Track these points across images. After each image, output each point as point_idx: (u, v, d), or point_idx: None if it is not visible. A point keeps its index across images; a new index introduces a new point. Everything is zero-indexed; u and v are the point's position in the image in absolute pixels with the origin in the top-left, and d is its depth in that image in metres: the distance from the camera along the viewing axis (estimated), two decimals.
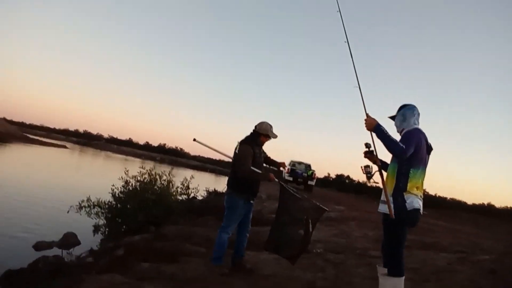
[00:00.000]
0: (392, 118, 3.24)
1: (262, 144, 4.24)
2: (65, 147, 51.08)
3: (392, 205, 2.87)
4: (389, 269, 2.98)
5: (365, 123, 3.03)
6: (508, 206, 40.90)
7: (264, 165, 4.32)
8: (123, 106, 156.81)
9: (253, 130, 4.21)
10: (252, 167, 3.96)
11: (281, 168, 4.48)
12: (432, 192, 44.55)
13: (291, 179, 20.86)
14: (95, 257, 5.90)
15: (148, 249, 5.32)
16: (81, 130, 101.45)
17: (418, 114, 3.15)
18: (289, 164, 21.98)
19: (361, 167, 3.16)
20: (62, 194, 12.10)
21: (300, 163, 22.43)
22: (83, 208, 7.55)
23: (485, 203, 42.77)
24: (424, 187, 3.03)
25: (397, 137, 3.02)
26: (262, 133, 4.15)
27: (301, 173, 21.33)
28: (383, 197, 2.99)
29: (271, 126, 4.20)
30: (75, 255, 6.03)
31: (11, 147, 34.99)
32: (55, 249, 6.52)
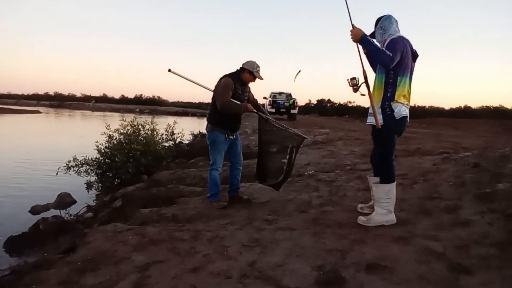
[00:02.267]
0: (372, 35, 3.09)
1: (246, 82, 4.11)
2: (38, 112, 49.26)
3: (380, 116, 2.92)
4: (381, 177, 3.10)
5: (351, 35, 2.91)
6: (484, 105, 42.38)
7: None
8: (92, 62, 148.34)
9: (239, 67, 4.09)
10: (230, 99, 3.90)
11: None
12: (411, 103, 45.51)
13: (273, 110, 20.89)
14: (94, 212, 5.99)
15: (145, 197, 5.39)
16: (51, 92, 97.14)
17: (396, 21, 3.05)
18: (270, 96, 21.88)
19: (347, 79, 3.10)
20: (47, 158, 11.90)
21: (280, 93, 22.33)
22: (71, 168, 7.50)
23: (462, 106, 44.26)
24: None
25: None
26: (246, 68, 4.02)
27: (282, 103, 21.33)
28: (370, 110, 3.00)
29: (258, 66, 4.06)
30: (73, 213, 6.09)
31: None
32: (52, 210, 6.55)
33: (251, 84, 4.20)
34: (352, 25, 2.94)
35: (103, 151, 7.99)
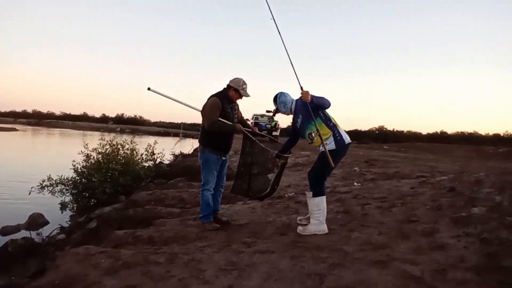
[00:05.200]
0: (275, 111, 4.01)
1: (234, 100, 4.07)
2: (15, 129, 48.10)
3: (333, 143, 3.59)
4: (313, 191, 3.66)
5: (303, 97, 3.53)
6: (459, 131, 43.90)
7: None
8: (73, 79, 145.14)
9: (226, 85, 4.08)
10: (219, 119, 3.87)
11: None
12: (390, 127, 46.73)
13: None
14: (67, 233, 5.77)
15: (121, 218, 5.25)
16: (29, 110, 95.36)
17: (287, 93, 3.93)
18: (252, 118, 21.99)
19: (307, 133, 3.70)
20: (21, 177, 11.52)
21: (262, 115, 22.47)
22: (46, 188, 7.27)
23: (438, 131, 45.70)
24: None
25: (286, 118, 3.38)
26: (232, 86, 4.02)
27: (264, 125, 21.45)
28: (321, 148, 3.66)
29: (244, 83, 4.04)
30: (45, 235, 5.86)
31: None
32: (23, 231, 6.28)
33: (240, 102, 4.20)
34: (301, 87, 3.55)
35: (79, 170, 7.80)
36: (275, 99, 3.94)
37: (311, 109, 3.56)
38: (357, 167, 7.78)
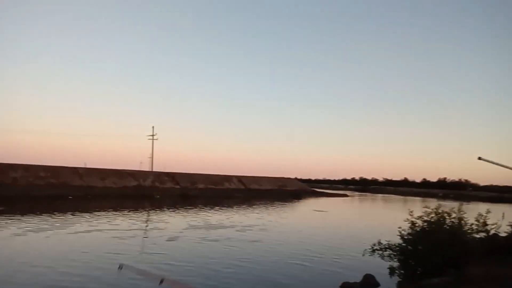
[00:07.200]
0: None
1: None
2: (346, 195, 55.68)
3: None
4: None
5: None
6: None
7: None
8: (393, 149, 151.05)
9: None
10: None
11: None
12: None
13: None
14: None
15: None
16: (357, 177, 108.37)
17: None
18: None
19: None
20: (351, 238, 13.26)
21: None
22: (375, 251, 7.86)
23: None
24: None
25: None
26: None
27: None
28: None
29: None
30: None
31: (305, 201, 41.65)
32: None
33: None
34: None
35: (405, 237, 7.98)
36: None
37: None
38: None
